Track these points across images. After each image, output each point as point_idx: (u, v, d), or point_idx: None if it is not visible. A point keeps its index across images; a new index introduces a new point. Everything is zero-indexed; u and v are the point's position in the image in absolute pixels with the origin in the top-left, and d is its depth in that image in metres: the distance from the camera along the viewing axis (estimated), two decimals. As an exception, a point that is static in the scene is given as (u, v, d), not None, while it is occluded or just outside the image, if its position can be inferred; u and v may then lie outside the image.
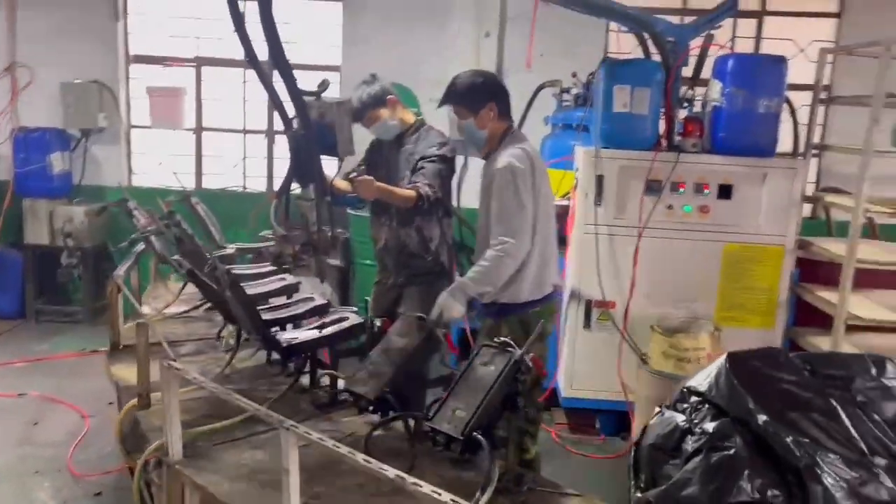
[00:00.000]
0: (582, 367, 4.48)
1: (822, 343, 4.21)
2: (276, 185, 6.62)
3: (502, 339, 2.58)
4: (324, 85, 3.27)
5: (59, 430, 4.41)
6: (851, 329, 4.04)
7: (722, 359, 2.09)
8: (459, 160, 4.74)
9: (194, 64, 6.54)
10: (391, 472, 1.87)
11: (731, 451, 1.78)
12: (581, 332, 4.47)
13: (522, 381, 2.52)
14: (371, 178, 3.54)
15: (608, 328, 4.45)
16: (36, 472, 3.91)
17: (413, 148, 3.74)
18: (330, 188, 3.50)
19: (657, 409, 2.14)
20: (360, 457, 1.96)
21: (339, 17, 6.44)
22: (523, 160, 3.10)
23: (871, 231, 4.94)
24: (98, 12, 6.36)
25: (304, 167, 3.16)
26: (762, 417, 1.81)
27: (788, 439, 1.76)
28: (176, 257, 3.91)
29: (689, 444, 1.87)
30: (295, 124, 3.14)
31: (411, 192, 3.57)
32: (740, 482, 1.68)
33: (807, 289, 4.51)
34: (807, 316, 4.70)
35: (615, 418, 4.58)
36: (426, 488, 1.79)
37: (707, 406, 1.96)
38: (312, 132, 3.08)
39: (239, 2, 3.02)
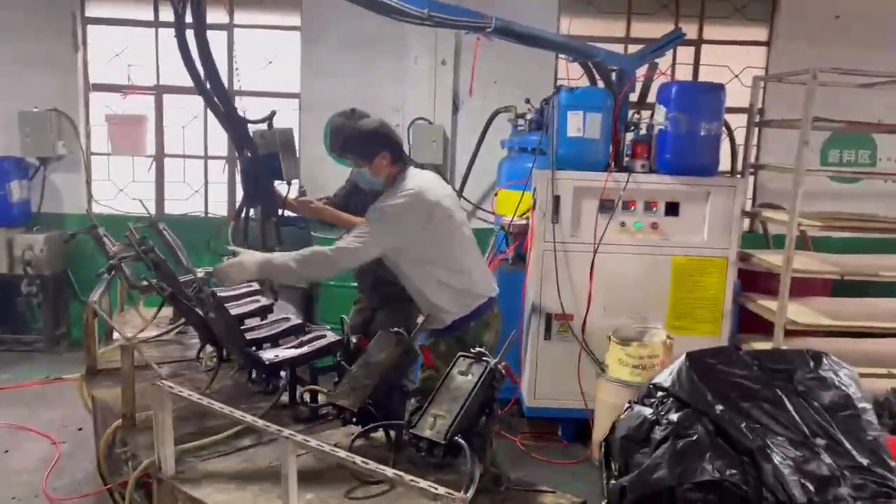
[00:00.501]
0: (544, 377, 4.71)
1: (764, 348, 4.53)
2: (235, 210, 6.76)
3: (478, 349, 2.79)
4: (271, 114, 3.53)
5: (30, 458, 4.41)
6: (790, 334, 4.37)
7: (682, 358, 2.33)
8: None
9: (154, 92, 6.62)
10: (389, 471, 2.05)
11: (694, 438, 2.02)
12: (542, 343, 4.71)
13: (497, 388, 2.74)
14: (308, 199, 3.83)
15: (568, 339, 4.70)
16: (13, 497, 3.92)
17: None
18: (284, 207, 3.69)
19: (626, 405, 2.36)
20: (359, 459, 2.13)
21: (297, 44, 6.60)
22: (410, 201, 3.20)
23: (805, 243, 5.34)
24: (57, 42, 6.39)
25: (252, 190, 3.41)
26: (719, 407, 2.05)
27: (742, 425, 2.01)
28: (152, 282, 4.02)
29: (657, 434, 2.11)
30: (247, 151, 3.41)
31: (359, 220, 3.68)
32: (703, 464, 1.92)
33: (748, 297, 4.85)
34: (748, 323, 5.05)
35: (575, 425, 4.82)
36: (423, 483, 1.97)
37: (671, 399, 2.20)
38: (258, 158, 3.33)
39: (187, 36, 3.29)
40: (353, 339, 3.24)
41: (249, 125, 3.55)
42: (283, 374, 3.26)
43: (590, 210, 4.62)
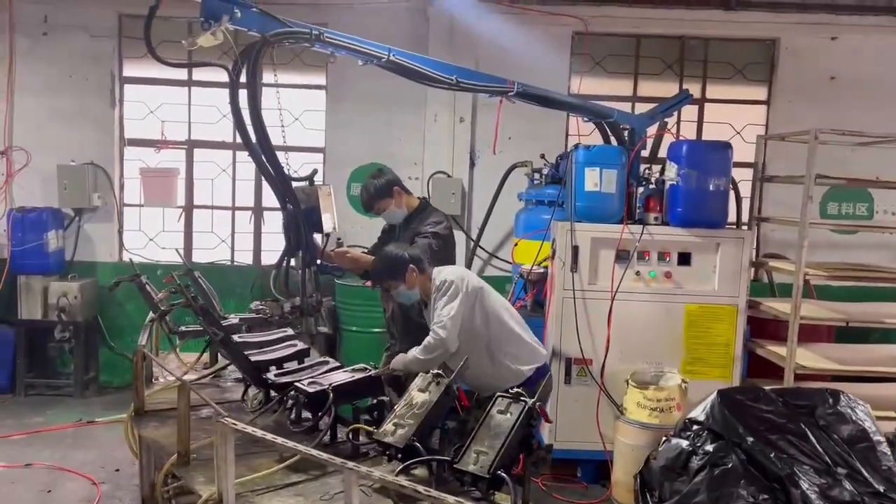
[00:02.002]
0: (564, 420, 4.91)
1: (775, 391, 4.75)
2: (264, 259, 7.03)
3: (515, 390, 3.04)
4: (313, 173, 3.87)
5: (73, 497, 4.58)
6: (799, 377, 4.60)
7: (714, 395, 2.57)
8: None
9: (186, 146, 6.95)
10: (451, 499, 2.27)
11: (729, 466, 2.24)
12: (562, 387, 4.92)
13: (534, 426, 2.97)
14: (346, 248, 4.17)
15: (587, 383, 4.91)
16: (61, 536, 4.10)
17: (416, 227, 4.24)
18: (322, 257, 4.00)
19: (664, 438, 2.59)
20: (421, 488, 2.35)
21: (322, 103, 6.96)
22: (458, 276, 3.75)
23: (808, 291, 5.60)
24: (96, 100, 6.76)
25: (293, 241, 3.69)
26: (750, 439, 2.29)
27: (772, 455, 2.24)
28: (191, 328, 4.26)
29: (695, 463, 2.33)
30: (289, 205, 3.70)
31: None
32: (738, 489, 2.15)
33: (757, 343, 5.08)
34: (757, 368, 5.27)
35: (595, 467, 4.99)
36: (486, 505, 2.19)
37: (706, 432, 2.44)
38: (300, 211, 3.63)
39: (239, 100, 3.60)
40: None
41: (293, 181, 3.85)
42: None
43: (607, 260, 4.88)
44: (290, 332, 4.44)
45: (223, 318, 4.64)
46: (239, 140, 6.76)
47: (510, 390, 3.62)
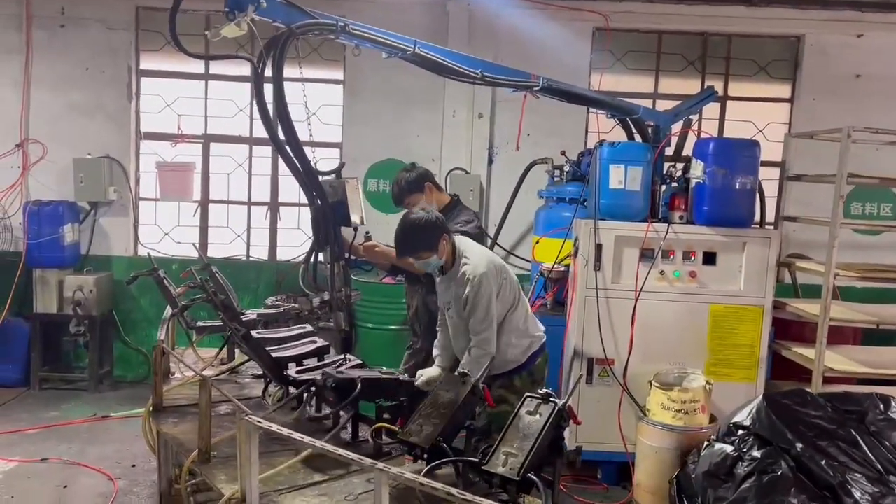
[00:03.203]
0: (585, 421, 4.80)
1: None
2: (280, 254, 6.98)
3: (545, 391, 2.97)
4: (340, 166, 3.84)
5: (89, 493, 4.54)
6: (827, 381, 4.51)
7: (760, 399, 2.50)
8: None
9: (202, 140, 6.90)
10: (485, 502, 2.20)
11: (779, 473, 2.17)
12: (583, 387, 4.84)
13: (564, 427, 2.91)
14: (375, 242, 4.08)
15: (609, 384, 4.84)
16: (78, 533, 4.06)
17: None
18: (349, 251, 3.91)
19: (705, 444, 2.51)
20: (455, 491, 2.28)
21: (339, 98, 6.90)
22: (486, 275, 3.58)
23: (833, 293, 5.50)
24: (113, 93, 6.72)
25: (321, 235, 3.64)
26: (799, 445, 2.21)
27: (822, 462, 2.16)
28: (208, 324, 4.21)
29: (741, 469, 2.26)
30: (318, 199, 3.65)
31: None
32: (789, 497, 2.08)
33: (783, 345, 4.99)
34: (780, 370, 5.18)
35: (616, 468, 4.92)
36: (521, 509, 2.12)
37: (752, 437, 2.36)
38: (327, 205, 3.58)
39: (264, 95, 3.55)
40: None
41: (320, 175, 3.80)
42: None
43: (630, 258, 4.81)
44: (308, 328, 4.40)
45: (242, 313, 4.61)
46: (255, 134, 6.81)
47: (513, 374, 3.70)
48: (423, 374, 3.71)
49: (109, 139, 6.72)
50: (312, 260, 3.80)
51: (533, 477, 2.73)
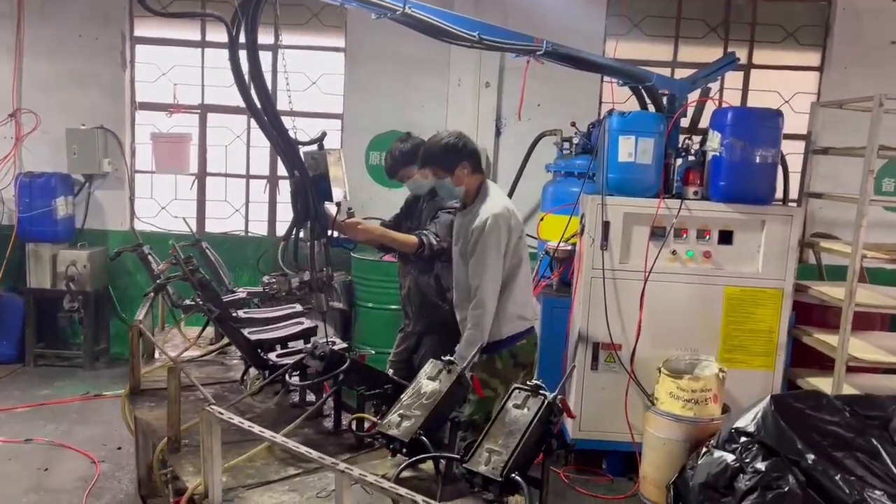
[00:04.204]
0: (589, 408, 4.58)
1: (822, 384, 4.35)
2: (279, 229, 6.75)
3: (534, 382, 2.70)
4: (322, 136, 3.50)
5: (70, 476, 4.38)
6: (851, 370, 4.20)
7: (766, 401, 2.21)
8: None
9: (198, 111, 6.66)
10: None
11: (785, 489, 1.89)
12: (588, 373, 4.58)
13: (554, 423, 2.64)
14: (357, 220, 3.82)
15: (615, 370, 4.57)
16: (52, 519, 3.90)
17: (441, 200, 3.91)
18: (333, 227, 3.69)
19: (704, 450, 2.24)
20: (420, 498, 2.04)
21: (340, 66, 6.61)
22: (503, 217, 3.44)
23: (861, 275, 5.14)
24: (106, 61, 6.48)
25: (301, 211, 3.39)
26: (810, 457, 1.93)
27: (837, 477, 1.88)
28: (196, 302, 3.99)
29: (743, 483, 1.98)
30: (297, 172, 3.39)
31: (412, 238, 3.82)
32: (796, 518, 1.79)
33: (804, 331, 4.67)
34: (801, 357, 4.86)
35: (621, 459, 4.67)
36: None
37: (757, 446, 2.08)
38: (308, 178, 3.33)
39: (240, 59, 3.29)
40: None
41: (300, 146, 3.54)
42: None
43: (640, 237, 4.50)
44: (297, 308, 4.17)
45: (231, 291, 4.40)
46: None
47: (492, 354, 3.47)
48: None
49: (103, 109, 6.50)
50: (293, 237, 3.55)
51: (517, 478, 2.47)
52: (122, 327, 6.62)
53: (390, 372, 3.82)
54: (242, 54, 3.33)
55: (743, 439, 2.10)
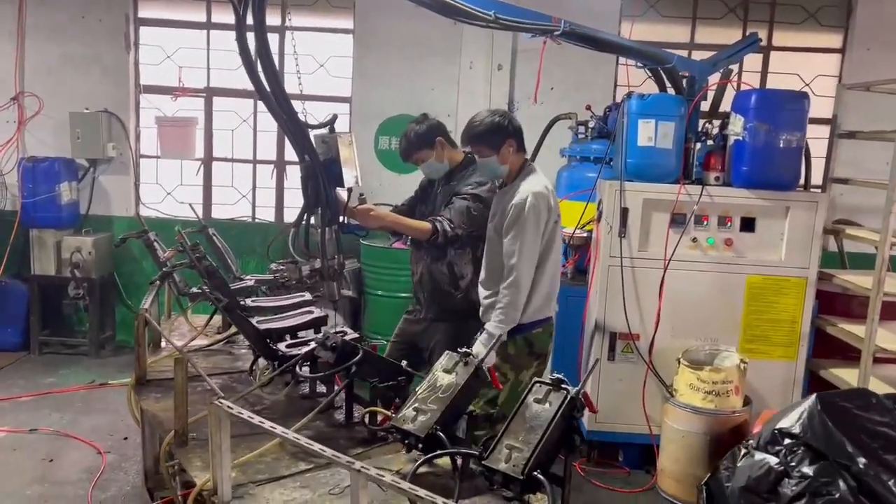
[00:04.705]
0: (606, 399, 4.46)
1: (846, 375, 4.24)
2: (287, 216, 6.64)
3: (556, 376, 2.58)
4: (332, 119, 3.38)
5: (75, 468, 4.30)
6: (878, 361, 4.07)
7: (811, 399, 2.09)
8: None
9: (204, 94, 6.53)
10: None
11: (836, 496, 1.78)
12: (605, 364, 4.46)
13: (577, 418, 2.53)
14: (369, 206, 3.69)
15: (633, 360, 4.45)
16: (57, 512, 3.81)
17: (456, 185, 3.79)
18: (346, 213, 3.58)
19: (743, 451, 2.12)
20: (441, 500, 1.93)
21: (349, 49, 6.46)
22: (542, 196, 3.40)
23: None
24: (109, 43, 6.35)
25: (312, 196, 3.29)
26: (861, 461, 1.81)
27: (891, 483, 1.76)
28: (203, 290, 3.88)
29: (788, 489, 1.86)
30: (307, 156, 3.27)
31: (426, 225, 3.69)
32: (848, 526, 1.68)
33: (827, 321, 4.54)
34: (823, 347, 4.73)
35: (638, 451, 4.56)
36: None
37: (802, 448, 1.96)
38: (318, 163, 3.21)
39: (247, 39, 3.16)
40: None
41: (310, 130, 3.42)
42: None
43: (660, 224, 4.37)
44: (307, 296, 4.06)
45: (239, 279, 4.30)
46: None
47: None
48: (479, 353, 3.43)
49: (107, 92, 6.37)
50: (304, 224, 3.42)
51: (539, 476, 2.36)
52: (128, 314, 6.53)
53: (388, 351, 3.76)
54: (250, 35, 3.21)
55: (787, 441, 1.98)
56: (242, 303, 3.84)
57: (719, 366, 4.13)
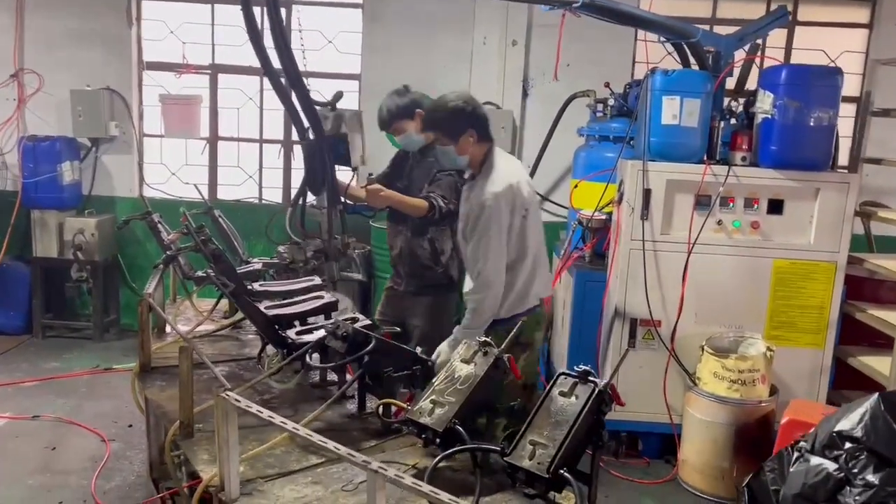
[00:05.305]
0: (626, 388, 4.26)
1: (877, 364, 4.09)
2: (293, 196, 6.47)
3: (583, 367, 2.43)
4: (338, 96, 3.30)
5: (78, 456, 4.18)
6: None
7: (873, 399, 1.93)
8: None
9: (209, 71, 6.34)
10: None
11: (909, 508, 1.62)
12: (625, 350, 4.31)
13: (605, 413, 2.38)
14: (379, 186, 3.63)
15: (654, 348, 4.30)
16: (60, 502, 3.68)
17: (434, 162, 3.67)
18: (346, 195, 3.49)
19: (796, 454, 1.97)
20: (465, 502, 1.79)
21: (358, 24, 6.26)
22: (505, 195, 3.13)
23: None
24: (111, 18, 6.15)
25: (316, 176, 3.19)
26: (936, 468, 1.65)
27: (970, 493, 1.61)
28: (209, 274, 3.74)
29: (851, 498, 1.71)
30: (310, 134, 3.15)
31: (423, 203, 3.64)
32: (923, 543, 1.53)
33: (856, 307, 4.37)
34: (850, 333, 4.56)
35: (659, 440, 4.42)
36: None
37: (866, 454, 1.80)
38: (325, 141, 3.10)
39: (255, 12, 3.00)
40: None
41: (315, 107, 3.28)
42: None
43: (683, 206, 4.20)
44: (317, 280, 3.93)
45: (246, 262, 4.16)
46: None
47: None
48: (442, 352, 3.25)
49: (109, 69, 6.18)
50: (301, 203, 3.31)
51: (566, 474, 2.21)
52: (133, 297, 6.39)
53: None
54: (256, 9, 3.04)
55: (848, 445, 1.83)
56: (249, 287, 3.70)
57: (745, 353, 3.98)
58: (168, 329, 3.97)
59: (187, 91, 6.34)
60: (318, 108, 3.23)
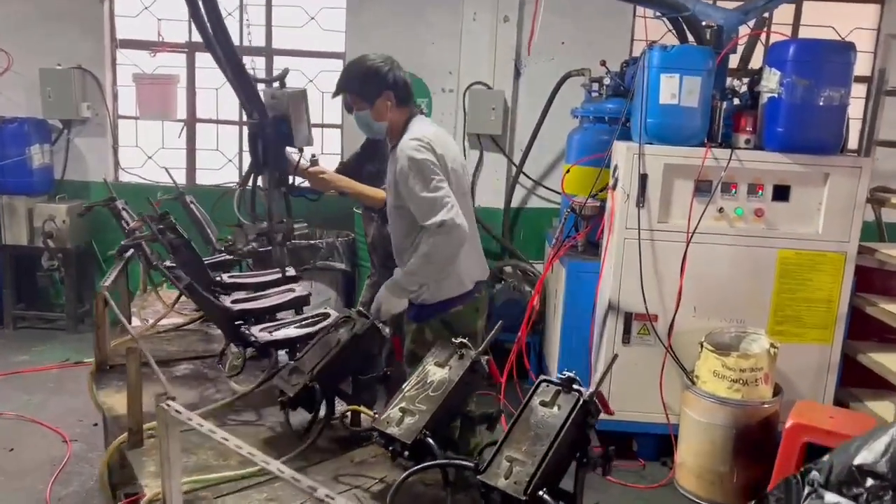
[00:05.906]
0: (619, 386, 4.05)
1: (888, 361, 3.84)
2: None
3: (567, 374, 2.17)
4: (283, 73, 3.05)
5: (37, 458, 3.92)
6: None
7: (894, 430, 1.66)
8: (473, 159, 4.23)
9: (186, 50, 6.05)
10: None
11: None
12: (619, 347, 4.06)
13: (591, 425, 2.13)
14: (321, 168, 3.42)
15: (649, 343, 4.04)
16: (11, 508, 3.46)
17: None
18: (295, 175, 3.22)
19: (807, 489, 1.70)
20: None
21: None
22: (420, 154, 2.83)
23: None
24: (82, -7, 5.85)
25: (259, 156, 2.96)
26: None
27: None
28: (168, 266, 3.49)
29: (877, 546, 1.45)
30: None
31: (380, 194, 3.43)
32: None
33: (867, 300, 4.11)
34: (857, 329, 4.30)
35: (655, 441, 4.18)
36: None
37: (892, 494, 1.54)
38: (267, 121, 2.88)
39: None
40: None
41: (260, 85, 3.04)
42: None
43: (682, 192, 3.92)
44: (291, 271, 3.69)
45: (218, 251, 3.93)
46: (245, 43, 5.94)
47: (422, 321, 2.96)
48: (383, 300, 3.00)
49: (81, 47, 5.88)
50: (251, 185, 3.07)
51: (545, 496, 1.96)
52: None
53: None
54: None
55: (870, 482, 1.57)
56: (218, 279, 3.46)
57: (747, 351, 3.73)
58: (135, 322, 3.74)
59: (163, 70, 6.03)
60: (268, 87, 3.01)
